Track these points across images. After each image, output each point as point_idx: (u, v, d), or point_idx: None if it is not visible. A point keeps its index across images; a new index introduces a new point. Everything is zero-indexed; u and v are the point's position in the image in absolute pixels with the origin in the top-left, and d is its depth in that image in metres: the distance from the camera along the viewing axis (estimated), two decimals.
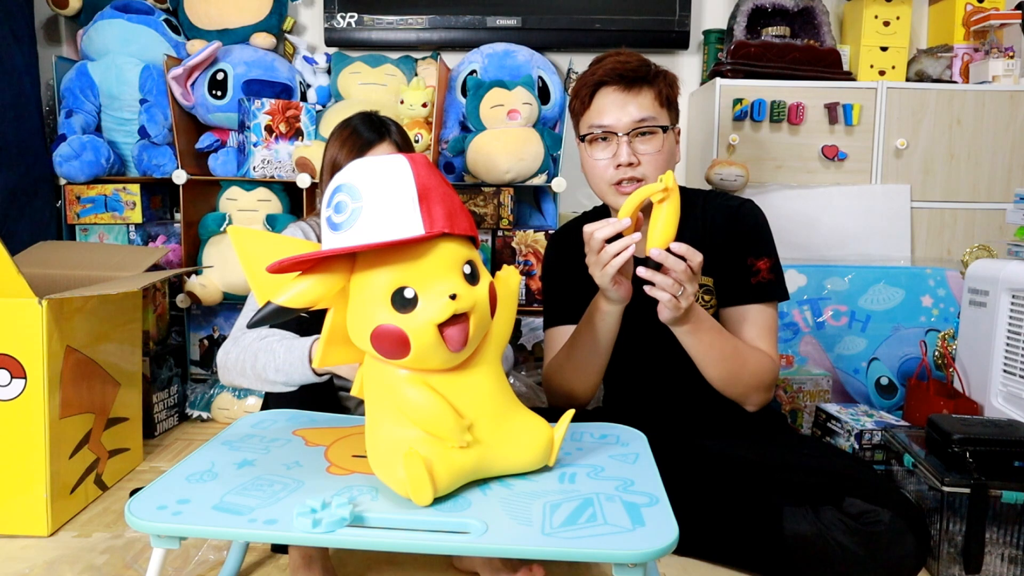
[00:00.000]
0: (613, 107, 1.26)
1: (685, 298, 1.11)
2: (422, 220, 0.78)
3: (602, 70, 1.28)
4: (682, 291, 1.10)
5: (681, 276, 1.09)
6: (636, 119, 1.25)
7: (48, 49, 2.34)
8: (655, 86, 1.27)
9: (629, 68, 1.26)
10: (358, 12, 2.25)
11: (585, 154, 1.32)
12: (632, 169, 1.25)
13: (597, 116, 1.28)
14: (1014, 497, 1.11)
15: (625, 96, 1.26)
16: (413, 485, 0.79)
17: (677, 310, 1.12)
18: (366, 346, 0.81)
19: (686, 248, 1.08)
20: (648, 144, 1.26)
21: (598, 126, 1.27)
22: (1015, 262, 1.53)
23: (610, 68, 1.27)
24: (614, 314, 1.22)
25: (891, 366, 1.92)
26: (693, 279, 1.10)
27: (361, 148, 1.36)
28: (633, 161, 1.25)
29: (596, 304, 1.24)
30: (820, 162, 2.08)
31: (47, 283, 1.56)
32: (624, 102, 1.26)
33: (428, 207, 0.79)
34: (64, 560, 1.24)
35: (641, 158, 1.25)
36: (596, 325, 1.24)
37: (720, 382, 1.24)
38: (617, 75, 1.26)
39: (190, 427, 1.99)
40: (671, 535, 0.76)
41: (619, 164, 1.25)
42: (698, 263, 1.10)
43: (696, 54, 2.38)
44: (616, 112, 1.26)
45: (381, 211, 0.78)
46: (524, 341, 2.15)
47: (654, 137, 1.26)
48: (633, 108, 1.25)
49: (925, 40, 2.33)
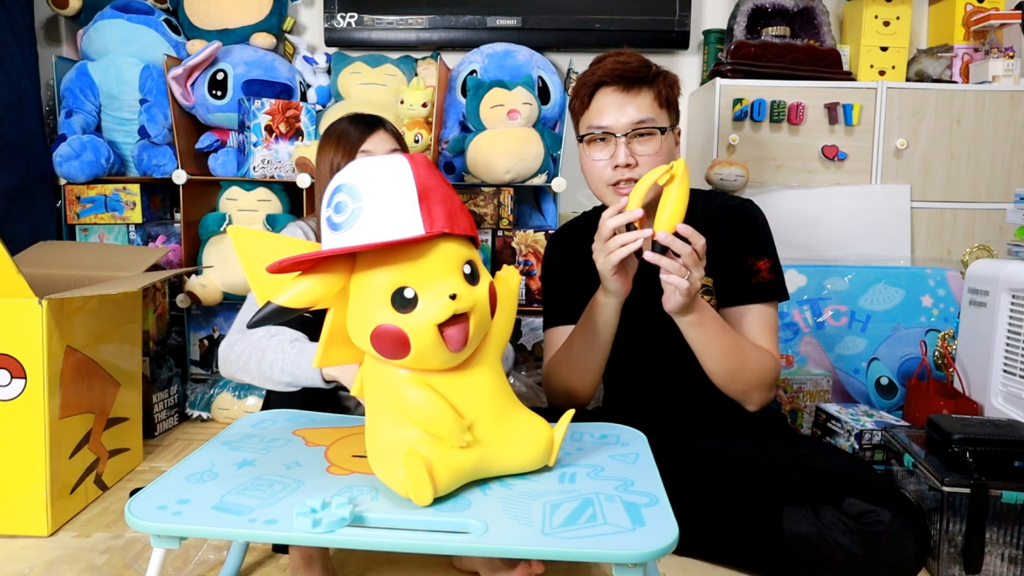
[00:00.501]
0: (612, 108, 1.26)
1: (693, 282, 1.11)
2: (422, 220, 0.78)
3: (601, 70, 1.27)
4: (689, 275, 1.10)
5: (688, 260, 1.09)
6: (635, 120, 1.25)
7: (48, 49, 2.34)
8: (655, 87, 1.27)
9: (629, 69, 1.26)
10: (358, 12, 2.25)
11: (584, 154, 1.32)
12: (630, 170, 1.25)
13: (596, 117, 1.28)
14: (1014, 497, 1.11)
15: (624, 97, 1.26)
16: (413, 485, 0.79)
17: (687, 296, 1.12)
18: (366, 346, 0.81)
19: (691, 230, 1.09)
20: (646, 145, 1.26)
21: (597, 127, 1.27)
22: (1015, 262, 1.53)
23: (609, 68, 1.26)
24: (612, 307, 1.22)
25: (891, 366, 1.92)
26: (699, 263, 1.11)
27: (355, 143, 1.38)
28: (631, 162, 1.25)
29: (595, 298, 1.24)
30: (820, 162, 2.08)
31: (47, 283, 1.56)
32: (623, 103, 1.26)
33: (428, 207, 0.79)
34: (64, 560, 1.24)
35: (639, 159, 1.25)
36: (595, 320, 1.24)
37: (722, 378, 1.24)
38: (616, 75, 1.26)
39: (190, 427, 1.99)
40: (671, 535, 0.76)
41: (617, 165, 1.25)
42: (702, 245, 1.10)
43: (696, 54, 2.38)
44: (615, 113, 1.26)
45: (381, 211, 0.78)
46: (524, 341, 2.15)
47: (652, 138, 1.26)
48: (632, 109, 1.25)
49: (925, 40, 2.33)
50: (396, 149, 1.43)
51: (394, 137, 1.44)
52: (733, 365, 1.23)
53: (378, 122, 1.43)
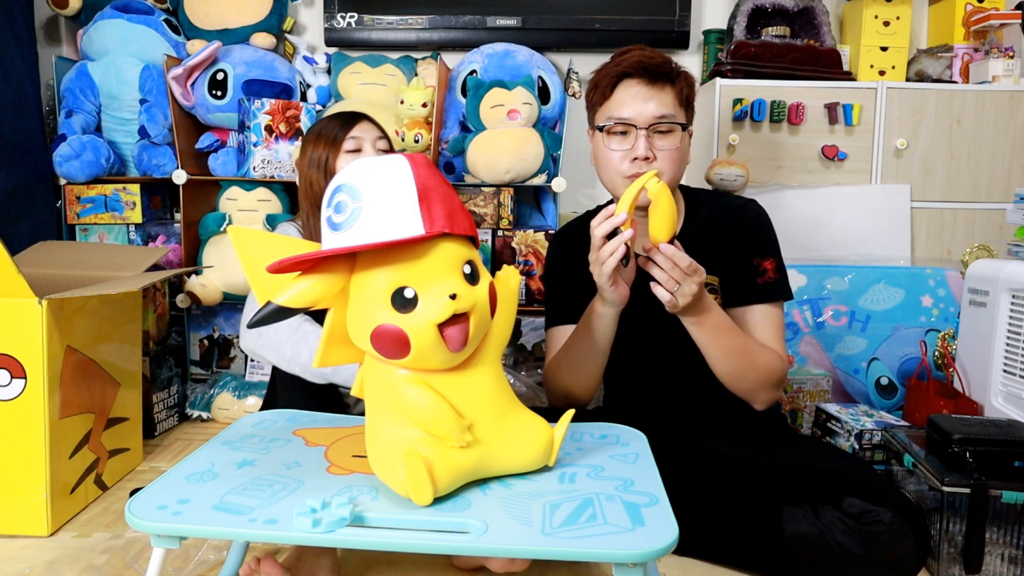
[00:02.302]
0: (635, 100, 1.25)
1: (681, 296, 1.12)
2: (422, 220, 0.78)
3: (627, 61, 1.27)
4: (678, 288, 1.12)
5: (673, 274, 1.11)
6: (656, 115, 1.24)
7: (48, 49, 2.34)
8: (677, 84, 1.27)
9: (654, 63, 1.26)
10: (358, 12, 2.25)
11: (601, 145, 1.30)
12: (648, 164, 1.24)
13: (617, 108, 1.26)
14: (1014, 497, 1.11)
15: (648, 90, 1.25)
16: (413, 485, 0.79)
17: (673, 307, 1.14)
18: (366, 346, 0.81)
19: (672, 250, 1.10)
20: (666, 140, 1.25)
21: (618, 118, 1.26)
22: (1015, 262, 1.53)
23: (636, 61, 1.26)
24: (610, 316, 1.22)
25: (891, 366, 1.92)
26: (687, 279, 1.12)
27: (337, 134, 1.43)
28: (650, 156, 1.24)
29: (593, 306, 1.24)
30: (820, 162, 2.08)
31: (47, 283, 1.56)
32: (647, 96, 1.25)
33: (428, 207, 0.79)
34: (64, 560, 1.24)
35: (658, 153, 1.25)
36: (593, 327, 1.24)
37: (729, 377, 1.24)
38: (642, 68, 1.25)
39: (190, 427, 1.99)
40: (671, 535, 0.76)
41: (635, 158, 1.24)
42: (685, 265, 1.11)
43: (696, 54, 2.38)
44: (638, 105, 1.25)
45: (381, 211, 0.78)
46: (524, 341, 2.15)
47: (672, 134, 1.26)
48: (654, 104, 1.25)
49: (925, 40, 2.33)
50: (382, 137, 1.45)
51: (377, 128, 1.46)
52: (739, 365, 1.23)
53: (359, 115, 1.46)
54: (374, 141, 1.44)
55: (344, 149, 1.43)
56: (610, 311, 1.21)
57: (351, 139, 1.43)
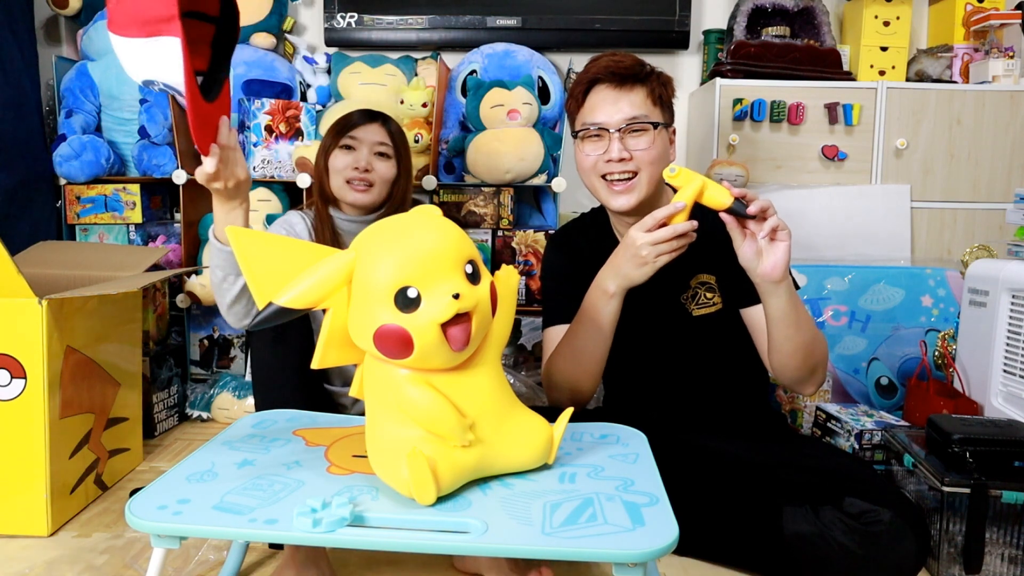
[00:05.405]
0: (606, 104, 1.27)
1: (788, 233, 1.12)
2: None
3: (596, 68, 1.30)
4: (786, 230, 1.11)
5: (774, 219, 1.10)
6: (628, 116, 1.26)
7: (48, 49, 2.34)
8: (648, 84, 1.29)
9: (623, 67, 1.28)
10: (358, 12, 2.25)
11: (578, 150, 1.33)
12: (624, 164, 1.26)
13: (590, 113, 1.29)
14: (1014, 497, 1.11)
15: (618, 93, 1.27)
16: (417, 485, 0.79)
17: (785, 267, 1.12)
18: (368, 346, 0.81)
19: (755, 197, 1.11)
20: (639, 140, 1.27)
21: (591, 123, 1.28)
22: (1015, 262, 1.53)
23: (604, 66, 1.29)
24: (620, 300, 1.22)
25: (891, 366, 1.91)
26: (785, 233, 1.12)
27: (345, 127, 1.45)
28: (625, 156, 1.26)
29: (594, 297, 1.23)
30: (820, 162, 2.08)
31: (47, 283, 1.56)
32: (616, 99, 1.27)
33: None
34: (64, 560, 1.24)
35: (633, 154, 1.26)
36: (601, 312, 1.23)
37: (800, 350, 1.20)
38: (610, 73, 1.28)
39: (190, 427, 1.99)
40: (671, 535, 0.76)
41: (610, 159, 1.26)
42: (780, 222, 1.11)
43: (696, 54, 2.38)
44: (609, 109, 1.27)
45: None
46: (524, 341, 2.15)
47: (645, 134, 1.27)
48: (625, 105, 1.26)
49: (925, 40, 2.33)
50: (383, 143, 1.46)
51: (390, 135, 1.46)
52: (807, 339, 1.19)
53: (378, 116, 1.46)
54: (372, 145, 1.45)
55: (339, 144, 1.44)
56: (618, 300, 1.21)
57: (350, 138, 1.43)
